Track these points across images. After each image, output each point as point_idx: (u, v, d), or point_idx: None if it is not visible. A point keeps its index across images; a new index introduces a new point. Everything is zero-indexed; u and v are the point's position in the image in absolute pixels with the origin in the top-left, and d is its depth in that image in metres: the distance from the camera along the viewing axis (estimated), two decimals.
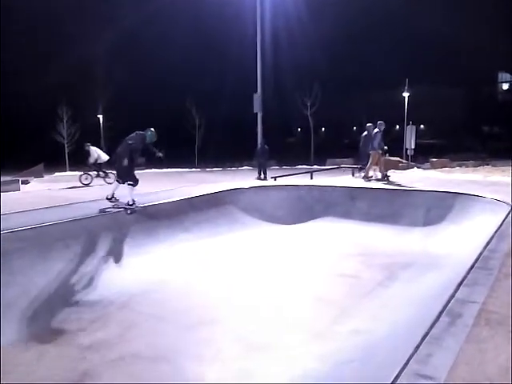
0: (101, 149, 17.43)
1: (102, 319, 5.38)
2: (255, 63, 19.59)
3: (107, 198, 8.85)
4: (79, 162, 33.40)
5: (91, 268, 6.60)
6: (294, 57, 40.91)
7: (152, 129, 8.81)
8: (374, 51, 44.36)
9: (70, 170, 33.06)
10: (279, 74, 39.54)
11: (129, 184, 8.60)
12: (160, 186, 12.92)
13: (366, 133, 13.92)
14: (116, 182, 9.08)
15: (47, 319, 5.28)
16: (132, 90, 40.20)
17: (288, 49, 37.88)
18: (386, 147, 13.25)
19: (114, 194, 8.91)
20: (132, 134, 8.76)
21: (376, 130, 12.97)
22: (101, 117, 42.83)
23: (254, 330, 4.95)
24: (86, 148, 16.15)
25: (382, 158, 13.47)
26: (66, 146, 39.70)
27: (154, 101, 41.49)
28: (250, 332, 4.90)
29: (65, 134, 39.60)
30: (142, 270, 6.95)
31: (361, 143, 14.50)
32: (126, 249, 7.39)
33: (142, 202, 8.77)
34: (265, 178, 16.44)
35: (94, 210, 8.19)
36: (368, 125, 13.79)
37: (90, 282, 6.31)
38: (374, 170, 13.48)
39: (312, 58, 41.84)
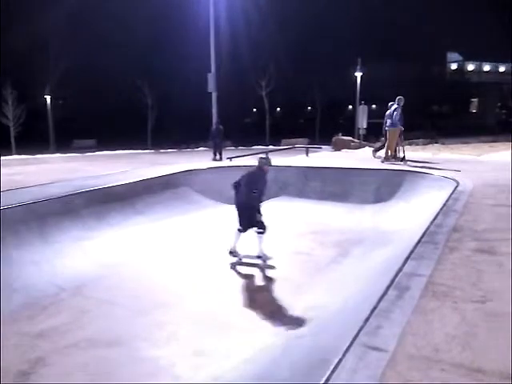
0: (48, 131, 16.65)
1: (53, 306, 5.22)
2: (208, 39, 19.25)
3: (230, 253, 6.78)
4: (26, 145, 31.94)
5: (42, 254, 6.36)
6: (251, 36, 40.38)
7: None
8: (328, 31, 44.60)
9: (17, 154, 31.53)
10: (236, 53, 39.05)
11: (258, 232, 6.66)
12: (112, 168, 12.55)
13: (388, 112, 12.34)
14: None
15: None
16: (81, 70, 38.43)
17: (244, 28, 37.24)
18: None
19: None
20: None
21: (395, 105, 11.94)
22: (48, 97, 40.87)
23: (210, 310, 4.97)
24: None
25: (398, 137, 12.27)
26: (11, 128, 37.70)
27: (105, 80, 39.91)
28: (205, 313, 4.90)
29: (11, 116, 37.55)
30: (95, 254, 6.78)
31: (384, 124, 12.73)
32: (78, 233, 7.17)
33: (93, 184, 8.49)
34: (220, 159, 16.27)
35: (42, 194, 7.85)
36: (391, 103, 12.25)
37: (42, 268, 6.09)
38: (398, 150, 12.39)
39: (268, 37, 41.49)
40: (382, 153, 13.04)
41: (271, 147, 25.96)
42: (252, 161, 13.69)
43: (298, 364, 3.27)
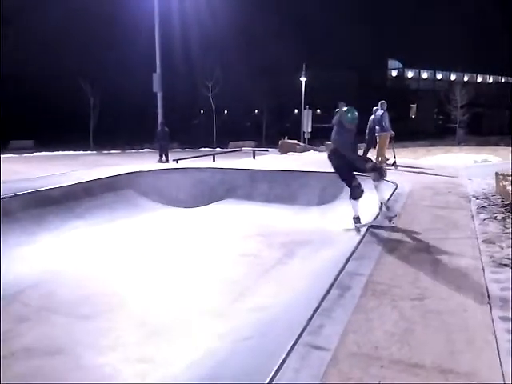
0: None
1: None
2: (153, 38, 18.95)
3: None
4: None
5: None
6: (200, 36, 40.09)
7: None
8: (275, 35, 45.16)
9: None
10: (184, 53, 38.59)
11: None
12: (51, 169, 12.02)
13: (373, 116, 12.44)
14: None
15: None
16: (19, 67, 36.49)
17: (194, 28, 36.88)
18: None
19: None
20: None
21: (380, 110, 12.05)
22: None
23: (155, 314, 4.88)
24: None
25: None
26: None
27: (44, 79, 38.10)
28: (150, 317, 4.81)
29: None
30: (32, 260, 6.48)
31: (368, 129, 12.69)
32: (14, 238, 6.82)
33: (30, 187, 8.10)
34: (166, 161, 16.06)
35: None
36: (375, 108, 12.35)
37: None
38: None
39: (218, 38, 41.37)
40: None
41: (218, 149, 25.93)
42: (199, 162, 13.64)
43: (245, 366, 3.29)
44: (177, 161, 14.27)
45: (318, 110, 41.89)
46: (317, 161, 14.24)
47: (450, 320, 2.99)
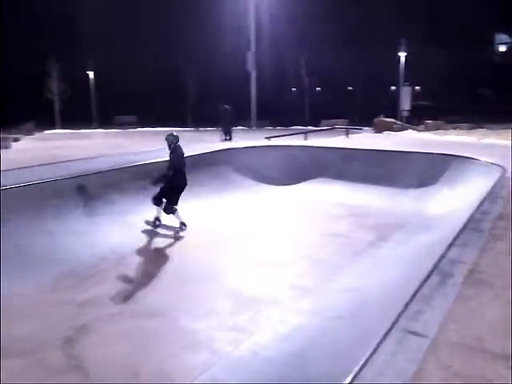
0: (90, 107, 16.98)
1: (96, 276, 5.44)
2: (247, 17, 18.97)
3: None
4: (69, 119, 32.86)
5: (85, 226, 6.61)
6: (292, 12, 39.43)
7: None
8: (373, 9, 43.06)
9: (62, 128, 32.50)
10: (275, 30, 38.31)
11: None
12: (152, 144, 12.75)
13: None
14: None
15: (42, 276, 5.32)
16: (123, 47, 38.93)
17: (285, 3, 36.21)
18: None
19: None
20: None
21: None
22: (91, 73, 41.71)
23: (247, 287, 5.05)
24: None
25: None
26: (56, 103, 38.79)
27: (146, 58, 40.28)
28: (242, 289, 4.99)
29: (55, 91, 38.59)
30: (137, 228, 6.98)
31: None
32: (120, 206, 7.38)
33: (135, 160, 8.67)
34: (229, 140, 15.82)
35: (86, 167, 8.09)
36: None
37: (84, 240, 6.33)
38: None
39: (311, 14, 40.37)
40: None
41: (310, 128, 25.64)
42: (290, 141, 13.62)
43: (335, 345, 3.29)
44: (268, 138, 14.37)
45: (418, 87, 39.50)
46: (415, 141, 13.54)
47: None
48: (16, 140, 17.20)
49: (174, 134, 7.35)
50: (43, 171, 7.78)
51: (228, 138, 16.17)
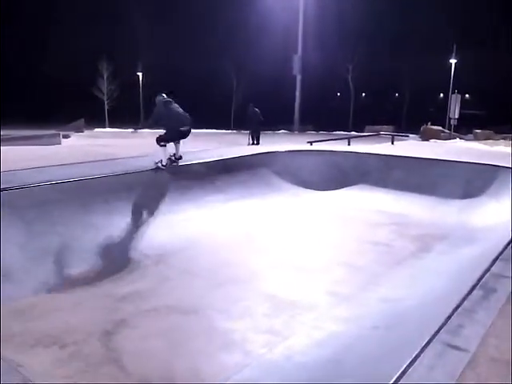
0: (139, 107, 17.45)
1: (137, 272, 5.59)
2: (296, 20, 18.94)
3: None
4: (118, 118, 33.96)
5: (129, 223, 6.81)
6: (340, 17, 39.10)
7: None
8: (423, 14, 42.02)
9: (110, 127, 33.67)
10: (321, 34, 38.13)
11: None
12: (195, 145, 12.96)
13: None
14: None
15: (84, 269, 5.52)
16: (172, 50, 39.93)
17: (331, 5, 35.90)
18: None
19: None
20: None
21: None
22: (140, 74, 42.97)
23: (282, 290, 5.04)
24: None
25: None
26: (105, 102, 40.21)
27: (193, 61, 41.11)
28: (278, 292, 4.99)
29: (105, 90, 40.01)
30: (177, 227, 7.11)
31: None
32: (164, 206, 7.55)
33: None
34: (257, 144, 15.34)
35: (132, 166, 8.33)
36: None
37: (127, 237, 6.52)
38: None
39: (358, 19, 39.87)
40: None
41: (354, 133, 25.35)
42: (333, 146, 13.50)
43: (371, 354, 3.24)
44: (311, 143, 14.31)
45: (467, 95, 38.21)
46: (463, 151, 13.11)
47: None
48: (65, 137, 18.02)
49: (164, 95, 8.01)
50: (89, 168, 8.09)
51: (255, 142, 15.79)
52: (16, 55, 37.60)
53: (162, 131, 8.48)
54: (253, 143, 15.86)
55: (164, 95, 8.14)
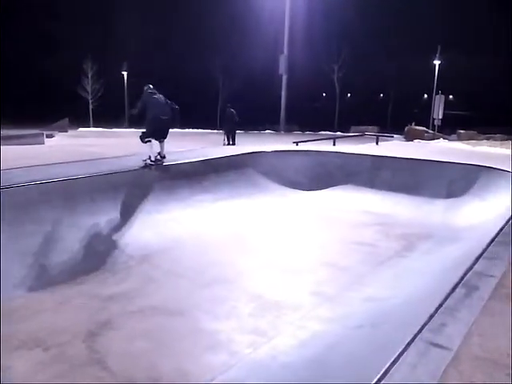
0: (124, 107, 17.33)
1: (122, 272, 5.54)
2: (282, 20, 18.96)
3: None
4: (103, 118, 33.63)
5: (114, 223, 6.74)
6: (326, 18, 39.22)
7: None
8: (408, 16, 42.39)
9: (94, 126, 33.32)
10: (308, 35, 38.21)
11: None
12: (181, 145, 12.90)
13: None
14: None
15: (70, 270, 5.46)
16: (158, 50, 39.72)
17: (318, 7, 35.99)
18: None
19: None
20: None
21: None
22: (125, 73, 42.60)
23: (268, 290, 5.04)
24: None
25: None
26: (90, 101, 39.80)
27: (179, 61, 40.91)
28: (263, 292, 4.98)
29: (89, 90, 39.60)
30: (163, 227, 7.07)
31: None
32: (148, 206, 7.49)
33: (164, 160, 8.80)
34: (232, 144, 15.34)
35: (118, 166, 8.23)
36: None
37: (113, 237, 6.46)
38: None
39: (344, 20, 40.07)
40: None
41: (339, 133, 25.49)
42: (318, 146, 13.54)
43: (355, 354, 3.25)
44: (297, 143, 14.34)
45: (451, 96, 38.71)
46: (446, 150, 13.27)
47: None
48: (49, 136, 17.78)
49: (151, 86, 8.36)
50: (73, 168, 7.98)
51: (231, 142, 15.68)
52: None
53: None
54: (228, 143, 15.75)
55: (151, 85, 8.43)
